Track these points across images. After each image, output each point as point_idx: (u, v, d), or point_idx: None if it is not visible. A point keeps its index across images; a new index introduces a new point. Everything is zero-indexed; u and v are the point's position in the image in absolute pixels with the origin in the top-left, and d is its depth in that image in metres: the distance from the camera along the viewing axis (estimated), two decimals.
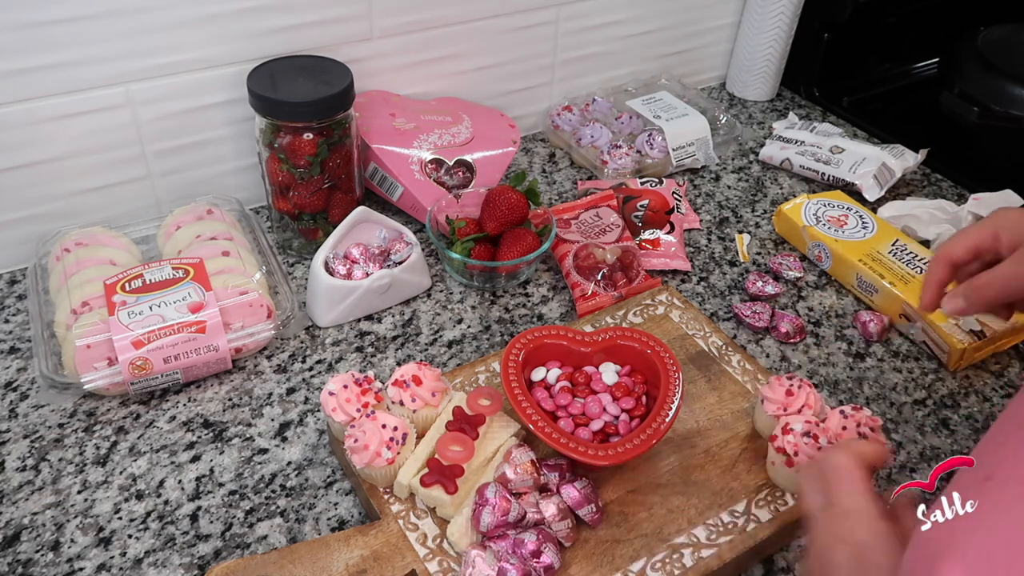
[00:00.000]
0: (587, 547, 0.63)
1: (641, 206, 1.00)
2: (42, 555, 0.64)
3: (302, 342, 0.84)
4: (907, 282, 0.88)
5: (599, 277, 0.89)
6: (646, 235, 0.96)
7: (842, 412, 0.68)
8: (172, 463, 0.72)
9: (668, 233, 0.97)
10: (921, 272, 0.89)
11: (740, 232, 1.01)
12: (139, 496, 0.69)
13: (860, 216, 0.97)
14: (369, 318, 0.87)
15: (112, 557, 0.64)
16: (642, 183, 1.04)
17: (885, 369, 0.85)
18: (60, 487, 0.69)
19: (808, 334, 0.88)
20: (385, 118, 0.98)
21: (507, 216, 0.89)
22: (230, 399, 0.78)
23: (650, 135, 1.10)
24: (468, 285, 0.92)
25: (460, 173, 0.98)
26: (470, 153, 0.99)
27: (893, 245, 0.93)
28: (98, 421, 0.75)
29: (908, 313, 0.87)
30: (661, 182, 1.04)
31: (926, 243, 0.98)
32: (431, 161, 0.97)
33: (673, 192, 1.03)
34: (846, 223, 0.96)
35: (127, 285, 0.77)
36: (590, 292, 0.88)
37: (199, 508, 0.68)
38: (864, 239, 0.94)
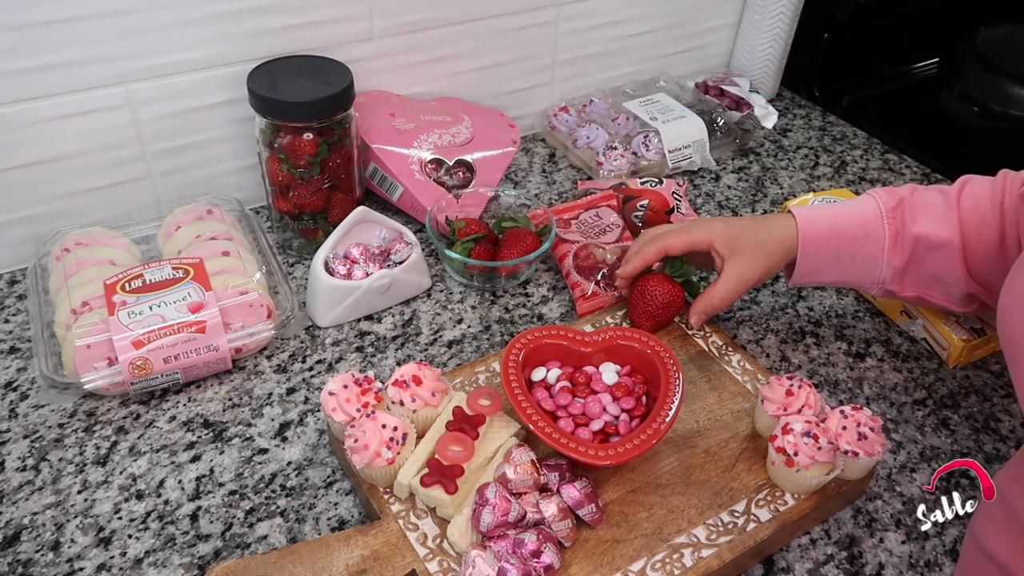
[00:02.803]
0: (587, 547, 0.63)
1: (641, 206, 1.00)
2: (42, 555, 0.64)
3: (302, 342, 0.84)
4: None
5: (599, 277, 0.89)
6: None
7: (842, 412, 0.68)
8: (172, 463, 0.72)
9: None
10: None
11: None
12: (139, 496, 0.69)
13: None
14: (369, 318, 0.87)
15: (112, 557, 0.64)
16: (642, 183, 1.04)
17: (885, 369, 0.85)
18: (60, 487, 0.69)
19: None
20: (385, 118, 0.98)
21: (662, 315, 0.80)
22: (230, 399, 0.78)
23: (646, 137, 1.10)
24: (468, 285, 0.92)
25: (460, 173, 0.98)
26: (470, 153, 0.99)
27: None
28: (98, 421, 0.75)
29: (909, 310, 0.87)
30: (661, 182, 1.04)
31: None
32: (431, 161, 0.96)
33: (673, 192, 1.03)
34: None
35: (127, 285, 0.76)
36: (590, 292, 0.88)
37: (199, 508, 0.68)
38: None
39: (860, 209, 0.75)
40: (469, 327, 0.87)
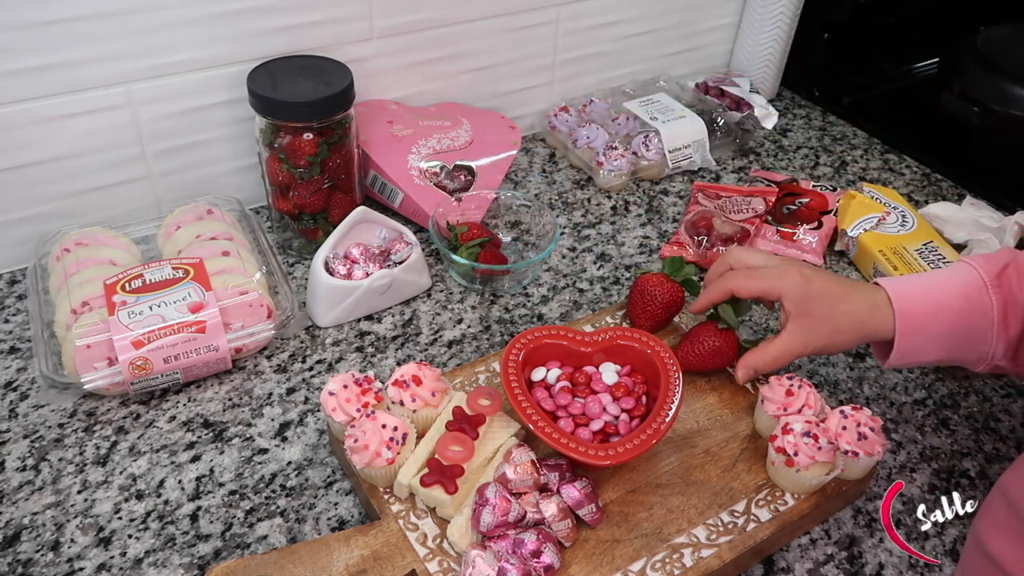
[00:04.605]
0: (587, 547, 0.63)
1: (799, 202, 1.01)
2: (42, 555, 0.64)
3: (302, 342, 0.84)
4: None
5: (702, 240, 0.95)
6: (785, 228, 0.99)
7: (842, 412, 0.68)
8: (172, 463, 0.72)
9: (815, 229, 0.99)
10: None
11: None
12: (139, 496, 0.69)
13: (902, 213, 0.99)
14: (369, 318, 0.87)
15: (112, 557, 0.64)
16: (814, 186, 1.06)
17: (885, 369, 0.85)
18: (60, 487, 0.69)
19: None
20: (383, 126, 0.98)
21: (662, 315, 0.80)
22: (230, 399, 0.78)
23: (646, 137, 1.10)
24: (470, 287, 0.92)
25: (461, 176, 0.98)
26: (470, 156, 0.99)
27: (924, 245, 0.94)
28: (98, 421, 0.75)
29: None
30: (835, 189, 1.05)
31: (958, 247, 0.98)
32: (430, 166, 0.96)
33: (839, 200, 1.04)
34: (886, 219, 0.98)
35: (127, 285, 0.76)
36: (680, 242, 0.97)
37: (199, 508, 0.68)
38: (897, 234, 0.96)
39: (956, 279, 0.67)
40: (469, 327, 0.87)
